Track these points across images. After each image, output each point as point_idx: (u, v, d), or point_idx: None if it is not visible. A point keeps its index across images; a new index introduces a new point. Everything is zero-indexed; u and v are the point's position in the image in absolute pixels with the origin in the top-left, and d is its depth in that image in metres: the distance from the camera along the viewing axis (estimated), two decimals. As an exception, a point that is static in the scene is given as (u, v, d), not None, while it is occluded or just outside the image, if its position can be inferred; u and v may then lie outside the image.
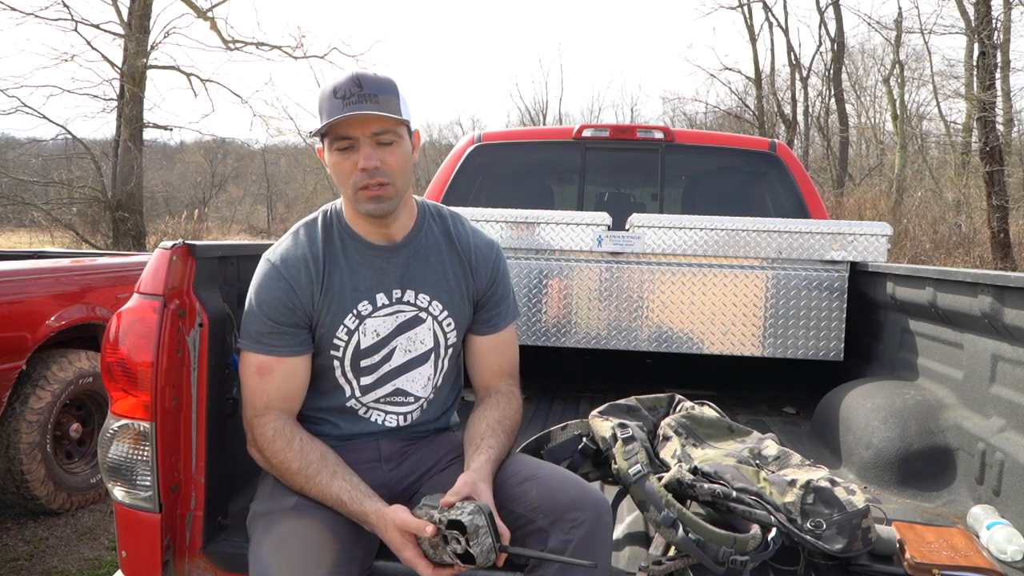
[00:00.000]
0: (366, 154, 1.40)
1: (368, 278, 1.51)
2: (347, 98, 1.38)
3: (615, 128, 3.68)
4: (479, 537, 1.24)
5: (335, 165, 1.44)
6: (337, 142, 1.41)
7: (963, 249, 12.91)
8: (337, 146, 1.42)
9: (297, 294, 1.46)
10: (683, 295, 2.68)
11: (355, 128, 1.40)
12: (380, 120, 1.40)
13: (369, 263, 1.51)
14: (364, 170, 1.40)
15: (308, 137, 1.42)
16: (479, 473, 1.36)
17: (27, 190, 14.05)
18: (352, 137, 1.40)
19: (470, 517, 1.24)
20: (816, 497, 1.46)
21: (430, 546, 1.28)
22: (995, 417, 1.80)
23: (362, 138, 1.40)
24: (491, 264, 1.62)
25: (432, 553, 1.29)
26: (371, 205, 1.44)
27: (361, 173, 1.41)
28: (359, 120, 1.39)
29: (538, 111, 29.20)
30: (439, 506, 1.29)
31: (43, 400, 3.21)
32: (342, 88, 1.39)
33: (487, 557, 1.24)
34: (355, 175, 1.41)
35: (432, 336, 1.56)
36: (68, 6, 12.90)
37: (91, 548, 3.12)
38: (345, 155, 1.42)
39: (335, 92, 1.39)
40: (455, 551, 1.26)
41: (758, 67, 21.40)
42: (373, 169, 1.40)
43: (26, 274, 3.22)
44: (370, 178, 1.41)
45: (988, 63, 12.12)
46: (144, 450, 1.47)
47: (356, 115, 1.37)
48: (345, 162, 1.42)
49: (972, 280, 1.83)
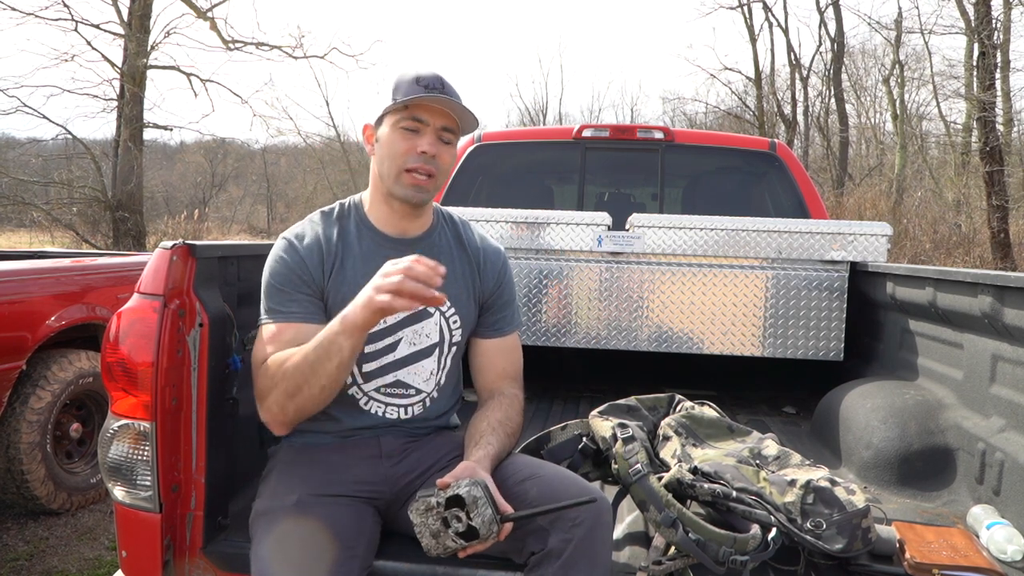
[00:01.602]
0: (431, 140, 1.48)
1: (379, 266, 1.52)
2: (431, 88, 1.46)
3: (615, 128, 3.68)
4: (478, 507, 1.25)
5: (392, 142, 1.49)
6: (407, 121, 1.48)
7: (963, 249, 12.91)
8: (405, 125, 1.48)
9: (309, 267, 1.50)
10: (683, 295, 2.68)
11: (432, 115, 1.48)
12: (453, 117, 1.49)
13: (383, 253, 1.54)
14: (423, 153, 1.47)
15: (386, 109, 1.49)
16: (479, 462, 1.38)
17: (27, 190, 14.03)
18: (424, 121, 1.48)
19: (467, 489, 1.27)
20: (816, 497, 1.46)
21: (431, 535, 1.30)
22: (995, 417, 1.80)
23: (432, 126, 1.48)
24: (499, 268, 1.68)
25: (435, 544, 1.30)
26: (411, 191, 1.50)
27: (419, 155, 1.48)
28: (439, 108, 1.47)
29: (538, 111, 29.18)
30: (436, 490, 1.31)
31: (43, 400, 3.21)
32: (426, 79, 1.47)
33: (489, 528, 1.26)
34: (410, 155, 1.48)
35: (438, 331, 1.58)
36: (68, 6, 12.89)
37: (91, 548, 3.13)
38: (408, 135, 1.48)
39: (418, 80, 1.47)
40: (457, 531, 1.27)
41: (758, 67, 21.41)
42: (431, 156, 1.47)
43: (26, 274, 3.23)
44: (424, 163, 1.47)
45: (988, 63, 12.12)
46: (144, 450, 1.47)
47: (441, 100, 1.45)
48: (405, 142, 1.48)
49: (972, 280, 1.84)
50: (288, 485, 1.45)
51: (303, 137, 21.76)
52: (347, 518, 1.39)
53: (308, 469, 1.49)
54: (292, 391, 1.39)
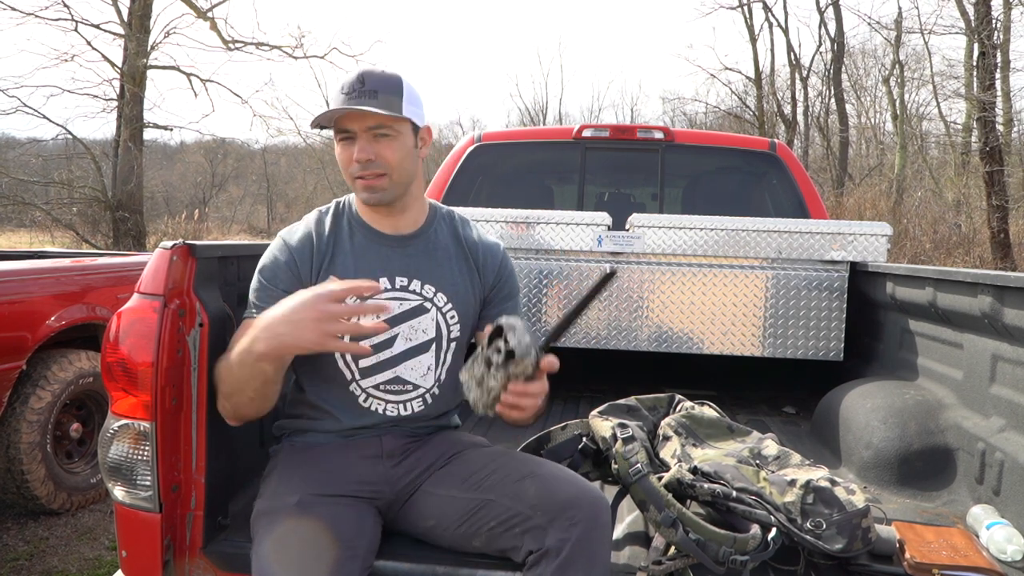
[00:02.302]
0: (361, 146, 1.50)
1: (372, 262, 1.56)
2: (349, 93, 1.47)
3: (615, 128, 3.68)
4: (516, 332, 1.30)
5: (338, 155, 1.54)
6: (338, 134, 1.52)
7: (963, 249, 12.91)
8: (338, 137, 1.53)
9: (298, 264, 1.52)
10: (683, 295, 2.68)
11: (353, 122, 1.49)
12: (375, 115, 1.48)
13: (375, 250, 1.57)
14: (358, 161, 1.50)
15: (311, 129, 1.54)
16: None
17: (27, 190, 14.03)
18: (350, 130, 1.50)
19: (505, 319, 1.33)
20: (816, 497, 1.46)
21: (477, 384, 1.34)
22: (995, 417, 1.80)
23: (359, 131, 1.49)
24: (498, 262, 1.68)
25: (479, 395, 1.34)
26: (366, 194, 1.53)
27: (356, 164, 1.50)
28: (356, 114, 1.48)
29: (538, 111, 29.19)
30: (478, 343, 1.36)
31: (43, 400, 3.21)
32: (347, 84, 1.48)
33: (527, 349, 1.29)
34: (352, 166, 1.51)
35: (435, 326, 1.58)
36: (68, 6, 12.92)
37: (91, 548, 3.13)
38: (345, 146, 1.52)
39: (341, 87, 1.49)
40: (498, 363, 1.30)
41: (758, 67, 21.41)
42: (367, 161, 1.49)
43: (26, 274, 3.22)
44: (364, 169, 1.50)
45: (988, 63, 12.12)
46: (144, 450, 1.47)
47: (352, 110, 1.46)
48: (344, 153, 1.52)
49: (972, 280, 1.84)
50: (289, 485, 1.45)
51: (303, 137, 21.71)
52: (348, 518, 1.38)
53: (309, 469, 1.49)
54: (227, 392, 1.43)
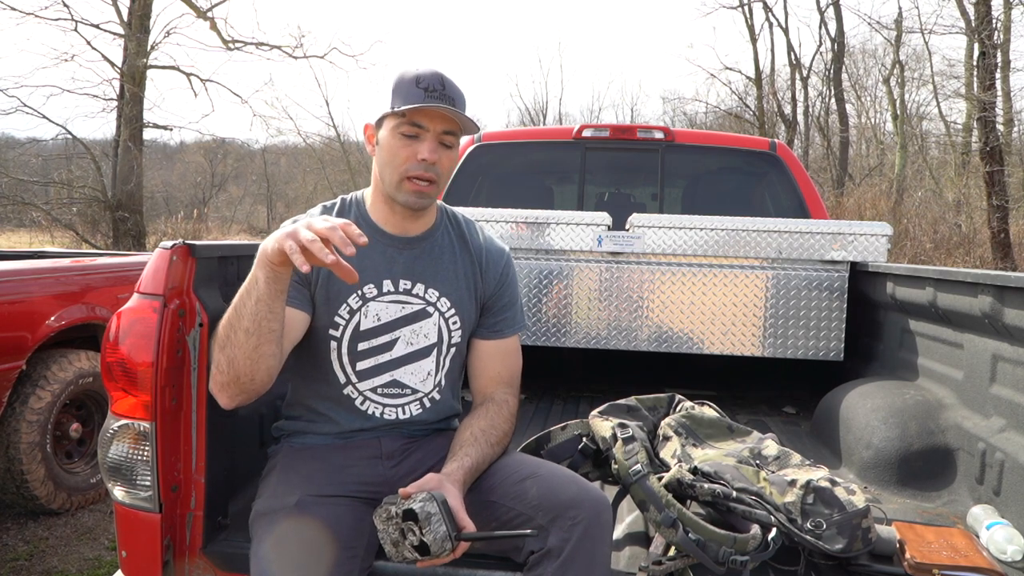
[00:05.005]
0: (431, 147, 1.45)
1: (377, 263, 1.53)
2: (430, 91, 1.42)
3: (615, 128, 3.68)
4: (431, 524, 1.24)
5: (393, 148, 1.46)
6: (406, 127, 1.45)
7: (963, 249, 12.91)
8: (404, 131, 1.45)
9: None
10: (683, 295, 2.68)
11: (432, 120, 1.44)
12: (454, 122, 1.45)
13: (380, 250, 1.54)
14: (423, 160, 1.44)
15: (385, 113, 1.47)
16: (448, 476, 1.36)
17: (27, 190, 14.04)
18: (424, 127, 1.44)
19: (420, 504, 1.26)
20: (816, 497, 1.46)
21: (392, 544, 1.30)
22: (995, 417, 1.80)
23: (432, 132, 1.45)
24: (501, 268, 1.65)
25: (395, 552, 1.31)
26: (412, 197, 1.48)
27: (418, 163, 1.45)
28: (437, 114, 1.43)
29: (538, 111, 29.17)
30: (399, 499, 1.30)
31: (43, 400, 3.21)
32: (426, 80, 1.43)
33: (441, 546, 1.24)
34: (410, 163, 1.45)
35: (436, 331, 1.57)
36: (68, 6, 12.90)
37: (91, 548, 3.12)
38: (408, 141, 1.45)
39: (418, 81, 1.43)
40: (412, 544, 1.27)
41: (758, 67, 21.40)
42: (431, 163, 1.45)
43: (26, 274, 3.22)
44: (424, 171, 1.45)
45: (988, 63, 12.12)
46: (144, 450, 1.47)
47: (440, 108, 1.41)
48: (406, 148, 1.45)
49: (972, 280, 1.83)
50: (288, 485, 1.44)
51: (303, 137, 21.81)
52: (347, 519, 1.38)
53: (308, 469, 1.48)
54: (223, 342, 1.32)
